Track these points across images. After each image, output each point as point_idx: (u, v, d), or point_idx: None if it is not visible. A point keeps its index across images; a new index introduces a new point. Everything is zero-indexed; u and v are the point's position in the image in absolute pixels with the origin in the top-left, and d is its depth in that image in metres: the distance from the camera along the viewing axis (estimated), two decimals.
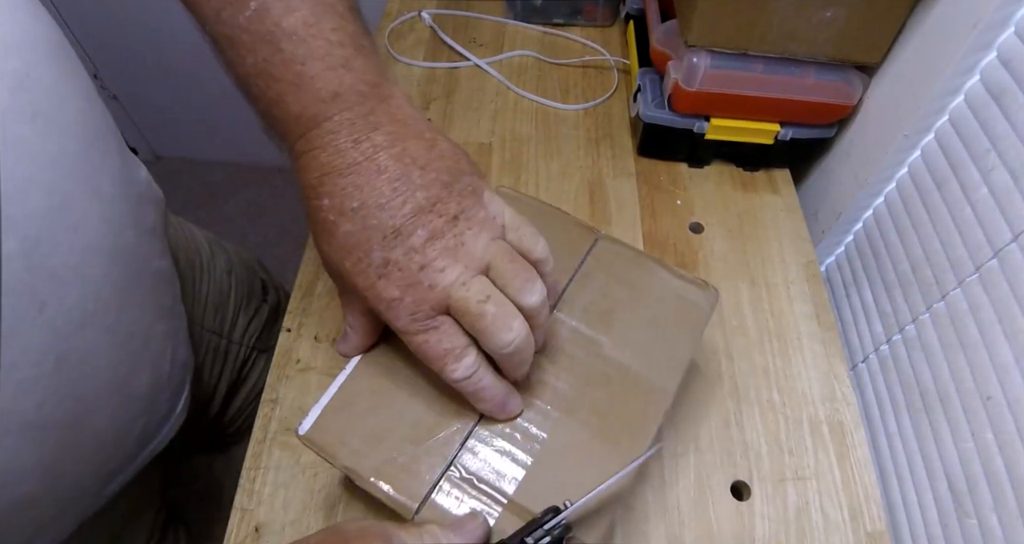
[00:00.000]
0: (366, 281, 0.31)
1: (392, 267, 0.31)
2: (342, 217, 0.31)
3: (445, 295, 0.31)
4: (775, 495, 0.44)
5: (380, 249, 0.31)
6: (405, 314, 0.31)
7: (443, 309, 0.31)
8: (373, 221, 0.30)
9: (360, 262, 0.31)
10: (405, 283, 0.31)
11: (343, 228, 0.31)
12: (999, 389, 0.39)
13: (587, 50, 0.72)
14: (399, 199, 0.31)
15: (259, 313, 0.64)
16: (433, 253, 0.31)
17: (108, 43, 1.41)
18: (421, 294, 0.31)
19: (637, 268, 0.41)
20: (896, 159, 0.51)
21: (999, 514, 0.38)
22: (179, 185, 1.70)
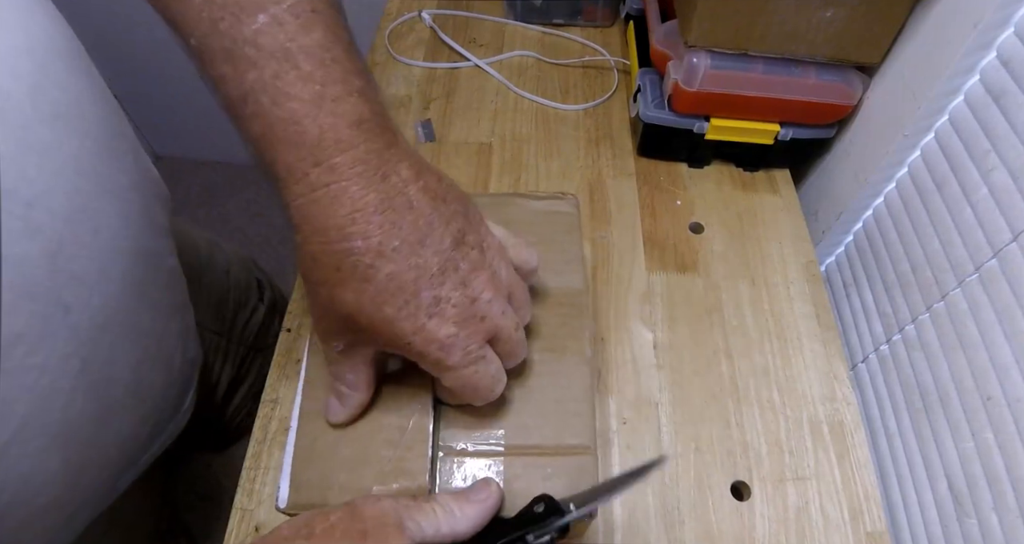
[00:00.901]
0: (414, 324, 0.29)
1: (445, 304, 0.29)
2: (382, 258, 0.28)
3: (493, 325, 0.31)
4: (775, 495, 0.44)
5: (429, 288, 0.29)
6: (459, 350, 0.30)
7: (489, 338, 0.31)
8: (418, 260, 0.29)
9: (407, 305, 0.29)
10: (461, 318, 0.30)
11: (385, 271, 0.28)
12: (999, 389, 0.39)
13: (587, 50, 0.72)
14: (436, 234, 0.29)
15: (256, 312, 0.64)
16: (479, 286, 0.30)
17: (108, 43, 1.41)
18: (475, 327, 0.30)
19: (503, 207, 0.44)
20: (896, 159, 0.51)
21: (999, 514, 0.38)
22: (179, 185, 1.70)
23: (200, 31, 0.28)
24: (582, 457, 0.35)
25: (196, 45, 0.28)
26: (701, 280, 0.55)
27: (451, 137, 0.64)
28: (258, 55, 0.27)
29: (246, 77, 0.27)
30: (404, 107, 0.67)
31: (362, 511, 0.28)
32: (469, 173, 0.61)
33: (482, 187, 0.60)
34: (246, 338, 0.63)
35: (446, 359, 0.30)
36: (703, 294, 0.54)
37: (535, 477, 0.34)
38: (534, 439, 0.35)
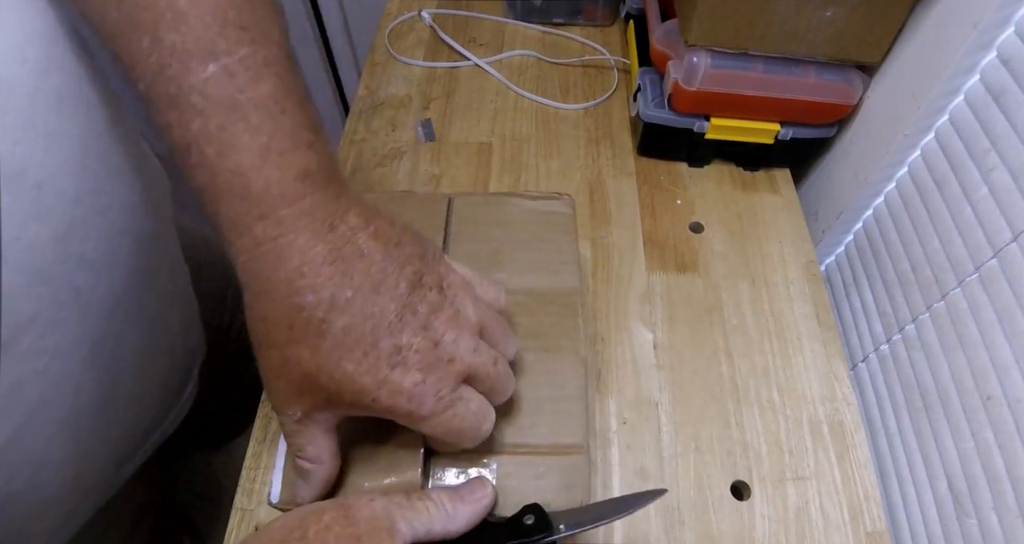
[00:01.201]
0: (376, 377, 0.27)
1: (407, 351, 0.28)
2: (334, 312, 0.27)
3: (464, 366, 0.29)
4: (775, 495, 0.44)
5: (388, 336, 0.27)
6: (431, 397, 0.28)
7: (462, 379, 0.30)
8: (374, 308, 0.27)
9: (366, 357, 0.27)
10: (425, 364, 0.28)
11: (339, 323, 0.27)
12: (999, 389, 0.39)
13: (587, 50, 0.72)
14: (391, 280, 0.28)
15: None
16: (441, 327, 0.29)
17: None
18: (443, 370, 0.28)
19: (497, 206, 0.44)
20: (896, 159, 0.51)
21: (999, 514, 0.38)
22: (179, 185, 1.69)
23: (148, 76, 0.27)
24: (574, 457, 0.34)
25: (143, 90, 0.27)
26: (701, 280, 0.55)
27: (451, 137, 0.64)
28: (205, 104, 0.26)
29: (191, 126, 0.27)
30: (404, 107, 0.67)
31: (355, 513, 0.27)
32: (469, 173, 0.61)
33: (482, 186, 0.60)
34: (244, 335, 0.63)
35: (418, 410, 0.28)
36: (703, 294, 0.54)
37: (527, 476, 0.34)
38: (527, 438, 0.35)
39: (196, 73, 0.26)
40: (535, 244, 0.42)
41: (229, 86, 0.27)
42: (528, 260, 0.42)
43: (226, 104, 0.26)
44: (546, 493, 0.33)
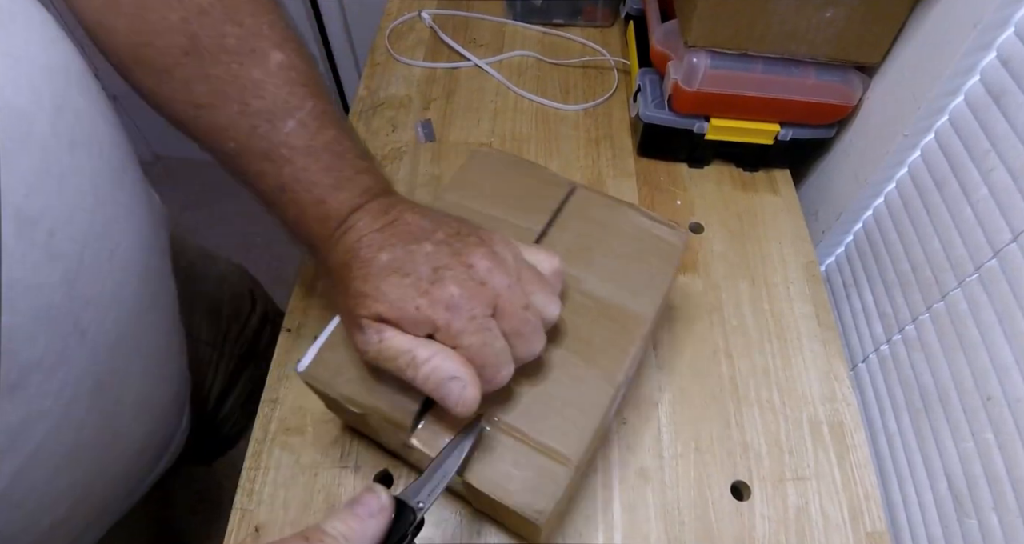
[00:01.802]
0: (418, 288, 0.31)
1: (443, 271, 0.31)
2: (381, 251, 0.32)
3: (494, 295, 0.32)
4: (775, 495, 0.44)
5: (426, 263, 0.32)
6: (465, 311, 0.31)
7: (493, 306, 0.32)
8: (413, 245, 0.32)
9: (408, 276, 0.31)
10: (460, 281, 0.31)
11: (384, 257, 0.32)
12: (999, 389, 0.39)
13: (587, 50, 0.72)
14: (428, 231, 0.33)
15: (249, 322, 0.64)
16: (476, 257, 0.32)
17: None
18: (475, 290, 0.31)
19: (611, 211, 0.44)
20: (896, 159, 0.51)
21: (999, 514, 0.38)
22: (179, 185, 1.70)
23: (242, 136, 0.34)
24: (558, 465, 0.34)
25: (235, 148, 0.34)
26: (701, 280, 0.55)
27: (451, 137, 0.64)
28: (291, 154, 0.34)
29: (283, 172, 0.34)
30: (404, 107, 0.67)
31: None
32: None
33: None
34: (238, 348, 0.63)
35: (454, 320, 0.31)
36: (703, 294, 0.54)
37: (505, 459, 0.34)
38: (523, 425, 0.35)
39: (280, 129, 0.34)
40: (629, 260, 0.41)
41: (305, 136, 0.34)
42: (615, 270, 0.41)
43: (305, 151, 0.34)
44: (511, 483, 0.33)
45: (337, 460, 0.44)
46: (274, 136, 0.34)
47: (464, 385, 0.31)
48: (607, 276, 0.40)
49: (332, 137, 0.35)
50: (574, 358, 0.37)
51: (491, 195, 0.44)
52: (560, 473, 0.33)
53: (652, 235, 0.43)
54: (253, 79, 0.33)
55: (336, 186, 0.34)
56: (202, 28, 0.33)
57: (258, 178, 0.35)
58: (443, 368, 0.31)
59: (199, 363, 0.58)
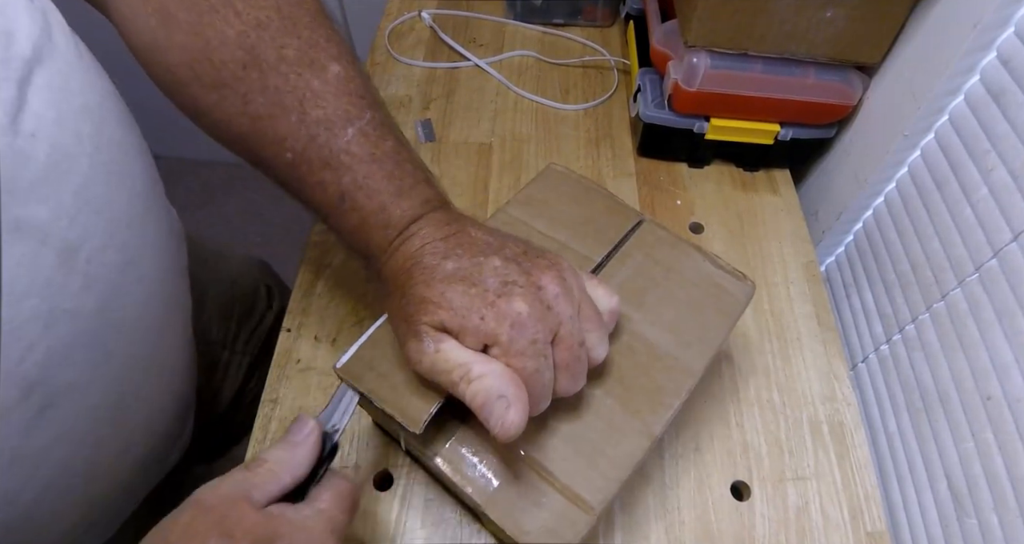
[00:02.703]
0: (484, 300, 0.30)
1: (512, 286, 0.31)
2: (446, 259, 0.32)
3: (557, 322, 0.31)
4: (775, 495, 0.44)
5: (494, 276, 0.31)
6: (529, 335, 0.30)
7: (552, 338, 0.31)
8: (481, 258, 0.32)
9: (475, 286, 0.30)
10: (528, 301, 0.30)
11: (449, 266, 0.31)
12: (999, 389, 0.39)
13: (587, 50, 0.72)
14: (496, 247, 0.33)
15: (264, 320, 0.64)
16: (546, 279, 0.31)
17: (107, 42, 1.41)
18: (542, 312, 0.30)
19: (677, 252, 0.41)
20: (896, 159, 0.51)
21: (999, 514, 0.38)
22: (179, 185, 1.70)
23: (299, 145, 0.33)
24: (580, 512, 0.32)
25: (292, 158, 0.34)
26: None
27: (451, 137, 0.64)
28: (352, 162, 0.33)
29: (343, 180, 0.33)
30: (404, 107, 0.67)
31: (207, 500, 0.28)
32: (469, 173, 0.61)
33: (482, 187, 0.60)
34: (251, 348, 0.62)
35: (518, 338, 0.30)
36: None
37: (529, 495, 0.33)
38: (552, 466, 0.33)
39: (340, 138, 0.33)
40: (687, 308, 0.39)
41: (366, 145, 0.34)
42: (669, 316, 0.38)
43: (366, 159, 0.34)
44: (529, 522, 0.32)
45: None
46: (334, 145, 0.33)
47: (508, 405, 0.30)
48: (660, 321, 0.38)
49: (392, 147, 0.34)
50: (614, 404, 0.35)
51: (556, 217, 0.42)
52: (581, 521, 0.32)
53: (715, 284, 0.40)
54: (313, 89, 0.33)
55: (398, 194, 0.34)
56: (261, 41, 0.33)
57: (318, 188, 0.34)
58: (496, 387, 0.30)
59: (210, 364, 0.58)
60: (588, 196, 0.43)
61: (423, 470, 0.44)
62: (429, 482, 0.43)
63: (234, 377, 0.61)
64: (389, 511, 0.42)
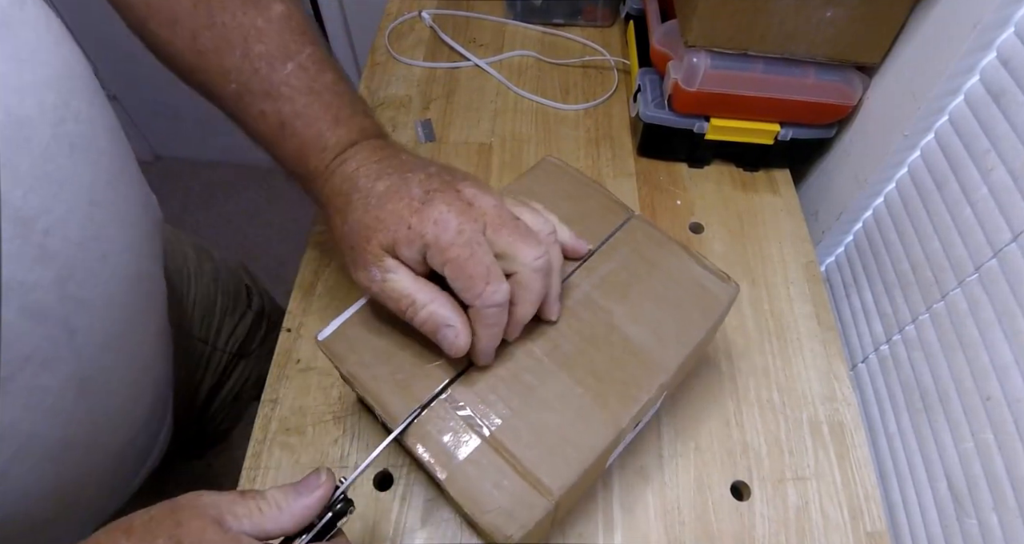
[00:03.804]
0: (411, 208, 0.33)
1: (433, 193, 0.34)
2: (378, 181, 0.35)
3: (482, 213, 0.33)
4: (775, 495, 0.44)
5: (419, 186, 0.34)
6: (453, 226, 0.32)
7: (482, 227, 0.33)
8: (407, 174, 0.35)
9: (402, 199, 0.34)
10: (448, 201, 0.33)
11: (380, 186, 0.35)
12: (999, 389, 0.39)
13: (587, 50, 0.72)
14: (421, 166, 0.36)
15: (243, 319, 0.64)
16: (464, 184, 0.35)
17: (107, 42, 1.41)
18: (463, 208, 0.33)
19: (663, 250, 0.42)
20: (896, 159, 0.51)
21: (999, 514, 0.38)
22: (178, 185, 1.70)
23: (243, 77, 0.37)
24: (539, 496, 0.33)
25: (237, 89, 0.37)
26: None
27: (451, 137, 0.64)
28: (292, 93, 0.37)
29: (283, 109, 0.37)
30: (404, 107, 0.67)
31: (181, 504, 0.27)
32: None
33: None
34: (231, 345, 0.63)
35: (442, 234, 0.32)
36: None
37: (488, 477, 0.33)
38: (516, 449, 0.34)
39: (280, 71, 0.37)
40: (667, 306, 0.39)
41: (305, 78, 0.37)
42: (649, 312, 0.39)
43: (306, 90, 0.37)
44: (488, 502, 0.32)
45: (337, 460, 0.44)
46: (275, 77, 0.36)
47: (457, 333, 0.33)
48: (640, 316, 0.39)
49: (331, 80, 0.38)
50: (585, 393, 0.36)
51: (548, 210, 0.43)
52: (538, 504, 0.33)
53: (698, 284, 0.40)
54: (256, 26, 0.37)
55: (335, 122, 0.37)
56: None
57: (260, 117, 0.37)
58: (439, 314, 0.33)
59: (189, 359, 0.58)
60: (582, 191, 0.44)
61: (407, 464, 0.44)
62: (429, 482, 0.43)
63: (213, 374, 0.61)
64: (389, 511, 0.42)
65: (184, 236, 0.61)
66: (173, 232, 0.59)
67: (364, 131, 0.38)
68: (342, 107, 0.38)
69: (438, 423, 0.35)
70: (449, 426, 0.35)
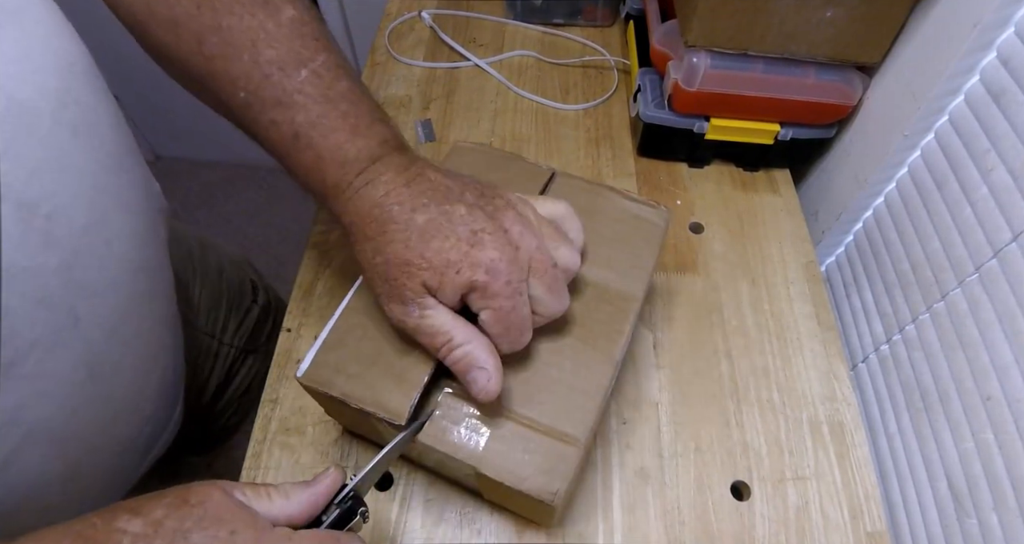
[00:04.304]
0: (459, 251, 0.32)
1: (482, 234, 0.32)
2: (416, 212, 0.33)
3: (528, 258, 0.33)
4: (775, 495, 0.44)
5: (463, 224, 0.33)
6: (503, 275, 0.32)
7: (527, 275, 0.33)
8: (447, 207, 0.33)
9: (448, 239, 0.32)
10: (498, 245, 0.32)
11: (420, 219, 0.33)
12: (999, 389, 0.39)
13: (587, 50, 0.72)
14: (456, 192, 0.34)
15: (249, 314, 0.64)
16: (508, 220, 0.33)
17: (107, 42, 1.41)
18: (512, 254, 0.32)
19: (594, 195, 0.44)
20: (896, 159, 0.51)
21: (999, 514, 0.38)
22: (179, 185, 1.70)
23: (253, 84, 0.34)
24: (568, 446, 0.35)
25: (246, 97, 0.35)
26: (701, 280, 0.55)
27: (451, 137, 0.64)
28: (305, 101, 0.34)
29: (296, 119, 0.34)
30: (404, 107, 0.67)
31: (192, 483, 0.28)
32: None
33: None
34: (238, 340, 0.63)
35: (492, 283, 0.32)
36: (703, 294, 0.54)
37: (516, 447, 0.35)
38: (532, 412, 0.36)
39: (293, 78, 0.34)
40: (615, 243, 0.42)
41: (320, 85, 0.35)
42: (602, 255, 0.41)
43: (321, 99, 0.34)
44: (525, 468, 0.34)
45: (337, 460, 0.44)
46: (287, 84, 0.34)
47: (489, 377, 0.33)
48: (595, 260, 0.41)
49: (346, 88, 0.35)
50: (574, 342, 0.38)
51: None
52: (571, 453, 0.34)
53: (635, 216, 0.43)
54: (266, 30, 0.34)
55: (354, 132, 0.35)
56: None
57: (271, 127, 0.35)
58: (475, 357, 0.33)
59: (197, 353, 0.58)
60: (500, 163, 0.46)
61: (406, 465, 0.44)
62: (429, 482, 0.43)
63: (221, 368, 0.62)
64: (389, 511, 0.42)
65: (188, 230, 0.61)
66: (177, 226, 0.59)
67: (385, 143, 0.36)
68: (360, 116, 0.35)
69: (450, 415, 0.36)
70: (462, 414, 0.36)
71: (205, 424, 0.62)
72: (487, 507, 0.43)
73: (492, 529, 0.42)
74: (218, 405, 0.63)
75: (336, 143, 0.34)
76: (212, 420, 0.63)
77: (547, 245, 0.35)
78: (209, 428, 0.63)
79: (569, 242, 0.36)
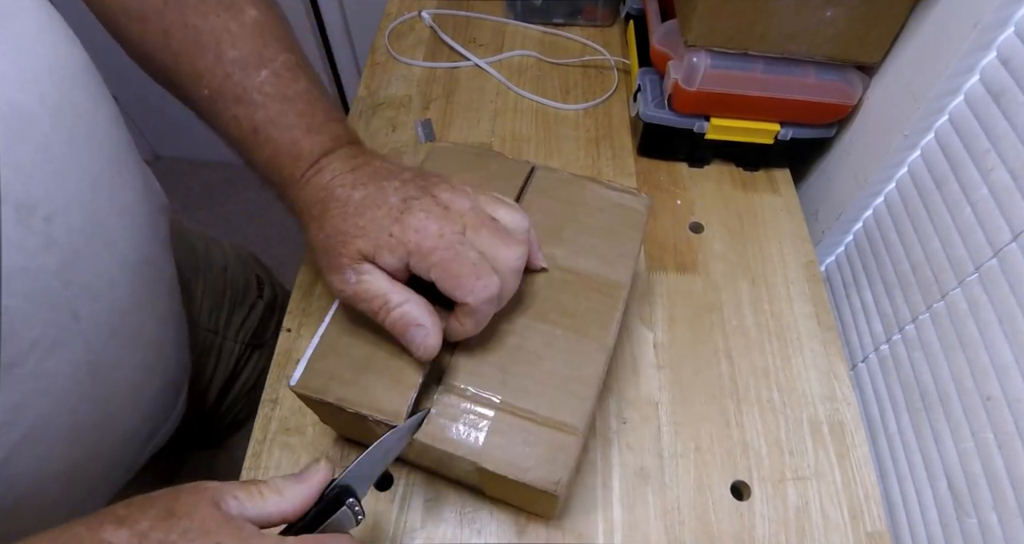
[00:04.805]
0: (391, 217, 0.33)
1: (411, 201, 0.34)
2: (354, 189, 0.35)
3: (459, 215, 0.34)
4: (775, 495, 0.44)
5: (395, 195, 0.34)
6: (434, 232, 0.33)
7: (461, 228, 0.34)
8: (383, 183, 0.35)
9: (381, 208, 0.34)
10: (426, 208, 0.34)
11: (357, 195, 0.35)
12: (999, 389, 0.39)
13: (587, 50, 0.72)
14: (396, 173, 0.36)
15: (254, 310, 0.64)
16: (439, 189, 0.35)
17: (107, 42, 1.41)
18: (441, 213, 0.34)
19: (574, 187, 0.45)
20: (896, 159, 0.51)
21: (999, 513, 0.38)
22: (179, 185, 1.70)
23: (216, 82, 0.36)
24: (567, 436, 0.35)
25: (209, 94, 0.37)
26: (701, 280, 0.55)
27: (451, 137, 0.64)
28: (265, 99, 0.36)
29: (255, 116, 0.37)
30: (404, 107, 0.67)
31: (182, 487, 0.28)
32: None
33: None
34: (243, 336, 0.63)
35: (424, 241, 0.33)
36: (703, 294, 0.54)
37: (516, 439, 0.35)
38: (530, 404, 0.36)
39: (254, 77, 0.36)
40: (599, 231, 0.43)
41: (279, 85, 0.37)
42: (587, 244, 0.42)
43: (279, 97, 0.37)
44: (527, 460, 0.34)
45: (337, 460, 0.44)
46: (248, 83, 0.36)
47: (427, 333, 0.34)
48: (580, 250, 0.42)
49: (304, 88, 0.38)
50: (566, 333, 0.38)
51: None
52: (571, 443, 0.35)
53: (617, 204, 0.44)
54: (230, 30, 0.36)
55: (309, 129, 0.37)
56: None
57: (232, 122, 0.37)
58: (411, 314, 0.33)
59: (200, 350, 0.58)
60: (479, 161, 0.46)
61: (405, 465, 0.44)
62: (429, 482, 0.43)
63: (226, 364, 0.62)
64: (389, 511, 0.42)
65: (192, 227, 0.61)
66: (180, 223, 0.59)
67: (338, 138, 0.38)
68: (316, 115, 0.38)
69: (447, 412, 0.36)
70: (460, 410, 0.36)
71: (212, 420, 0.63)
72: (487, 507, 0.43)
73: (492, 529, 0.42)
74: (225, 401, 0.63)
75: (292, 139, 0.37)
76: (220, 416, 0.63)
77: (483, 208, 0.35)
78: (217, 423, 0.64)
79: (510, 205, 0.37)
